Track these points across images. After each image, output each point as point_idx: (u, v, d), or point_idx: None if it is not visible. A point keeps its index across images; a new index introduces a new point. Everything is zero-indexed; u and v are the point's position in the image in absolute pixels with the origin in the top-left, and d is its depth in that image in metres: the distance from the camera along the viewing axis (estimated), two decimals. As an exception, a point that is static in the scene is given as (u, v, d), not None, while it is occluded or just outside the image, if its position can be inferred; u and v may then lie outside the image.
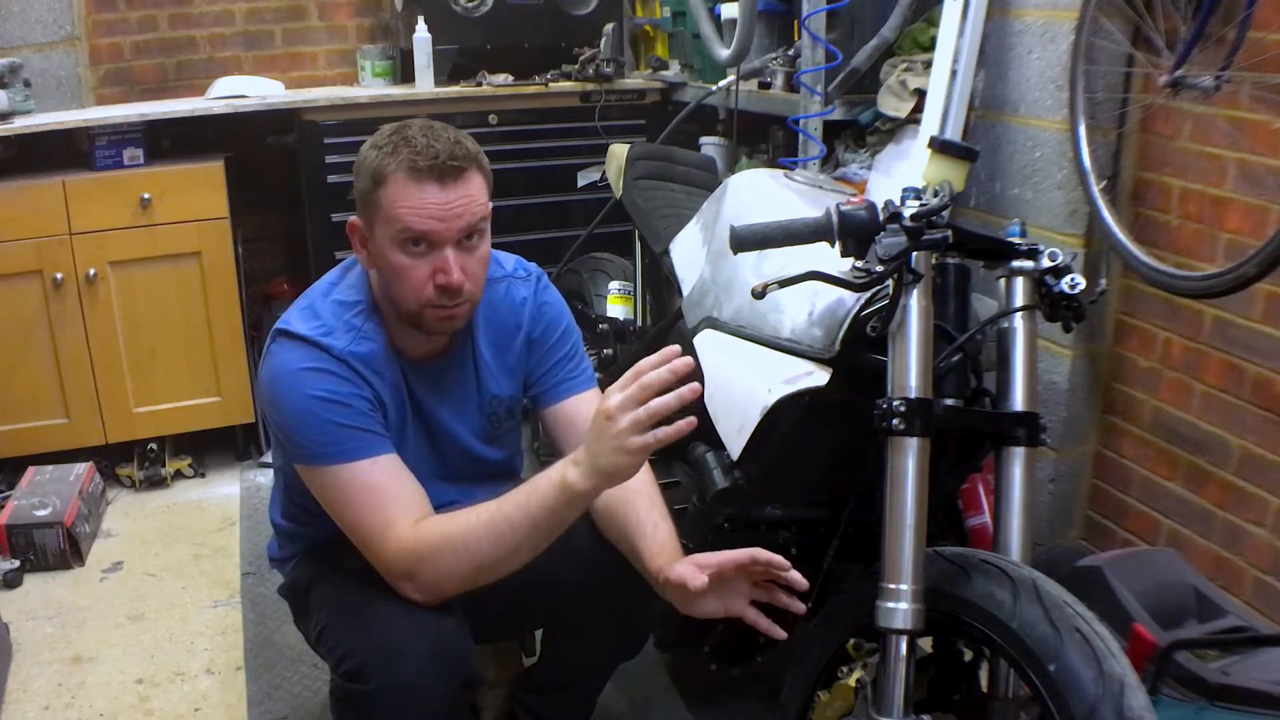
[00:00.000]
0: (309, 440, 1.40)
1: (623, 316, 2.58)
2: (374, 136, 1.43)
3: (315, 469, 1.41)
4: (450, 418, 1.57)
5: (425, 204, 1.36)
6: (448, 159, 1.36)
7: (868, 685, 1.34)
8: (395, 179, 1.36)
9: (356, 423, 1.40)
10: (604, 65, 3.22)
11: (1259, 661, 1.63)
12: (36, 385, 2.81)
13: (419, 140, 1.37)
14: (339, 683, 1.37)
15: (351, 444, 1.39)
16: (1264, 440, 1.85)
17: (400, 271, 1.40)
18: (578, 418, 1.59)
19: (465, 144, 1.40)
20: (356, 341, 1.44)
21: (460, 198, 1.38)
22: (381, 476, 1.40)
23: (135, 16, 3.22)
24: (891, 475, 1.29)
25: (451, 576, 1.36)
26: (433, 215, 1.37)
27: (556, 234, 3.16)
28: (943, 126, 2.16)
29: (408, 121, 1.42)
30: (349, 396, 1.40)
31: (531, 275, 1.63)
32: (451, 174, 1.37)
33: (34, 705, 2.04)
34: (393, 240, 1.38)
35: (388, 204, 1.37)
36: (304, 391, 1.39)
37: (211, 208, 2.89)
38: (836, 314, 1.48)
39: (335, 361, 1.41)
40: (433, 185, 1.36)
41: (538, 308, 1.61)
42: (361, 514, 1.39)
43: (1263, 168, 1.78)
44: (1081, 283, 1.40)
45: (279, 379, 1.41)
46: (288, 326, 1.44)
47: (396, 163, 1.36)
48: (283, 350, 1.43)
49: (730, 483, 1.64)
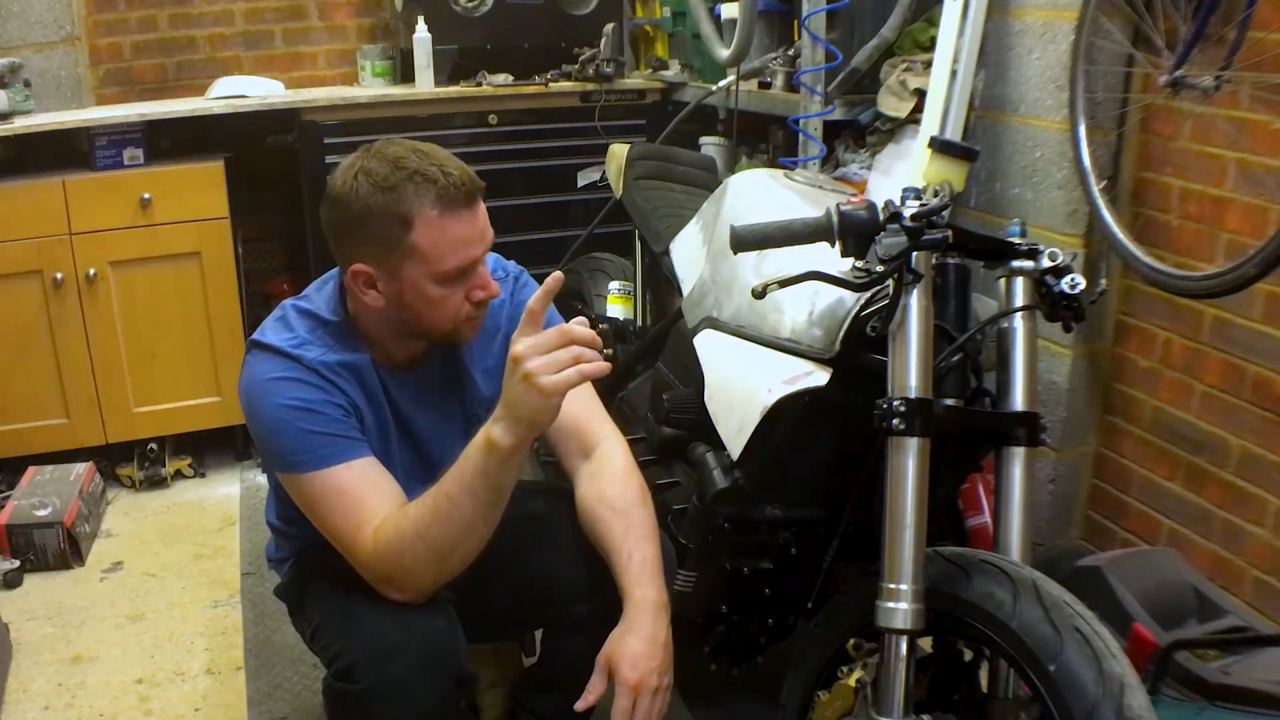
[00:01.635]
0: (283, 449, 1.40)
1: (623, 316, 2.58)
2: (362, 175, 1.36)
3: (292, 477, 1.42)
4: (433, 424, 1.57)
5: (464, 236, 1.37)
6: (471, 185, 1.37)
7: (868, 685, 1.34)
8: (428, 220, 1.34)
9: (329, 429, 1.40)
10: (604, 65, 3.21)
11: (1259, 661, 1.63)
12: (36, 385, 2.81)
13: (433, 172, 1.35)
14: (330, 681, 1.38)
15: (325, 450, 1.39)
16: (1264, 440, 1.85)
17: (438, 303, 1.40)
18: (562, 420, 1.56)
19: (463, 164, 1.40)
20: (328, 352, 1.44)
21: (483, 217, 1.40)
22: (354, 481, 1.40)
23: (135, 16, 3.22)
24: (891, 475, 1.28)
25: (418, 570, 1.36)
26: (471, 244, 1.38)
27: (556, 234, 3.16)
28: (943, 126, 2.16)
29: (389, 151, 1.38)
30: (320, 404, 1.40)
31: (509, 275, 1.62)
32: (475, 198, 1.38)
33: (34, 705, 2.04)
34: (433, 278, 1.38)
35: (427, 245, 1.35)
36: (276, 401, 1.40)
37: (211, 208, 2.89)
38: (836, 314, 1.48)
39: (306, 370, 1.41)
40: (466, 214, 1.37)
41: (515, 307, 1.59)
42: (334, 518, 1.39)
43: (1263, 168, 1.78)
44: (1081, 283, 1.40)
45: (252, 389, 1.42)
46: (261, 338, 1.45)
47: (424, 201, 1.34)
48: (256, 361, 1.44)
49: (730, 483, 1.64)
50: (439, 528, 1.33)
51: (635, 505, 1.48)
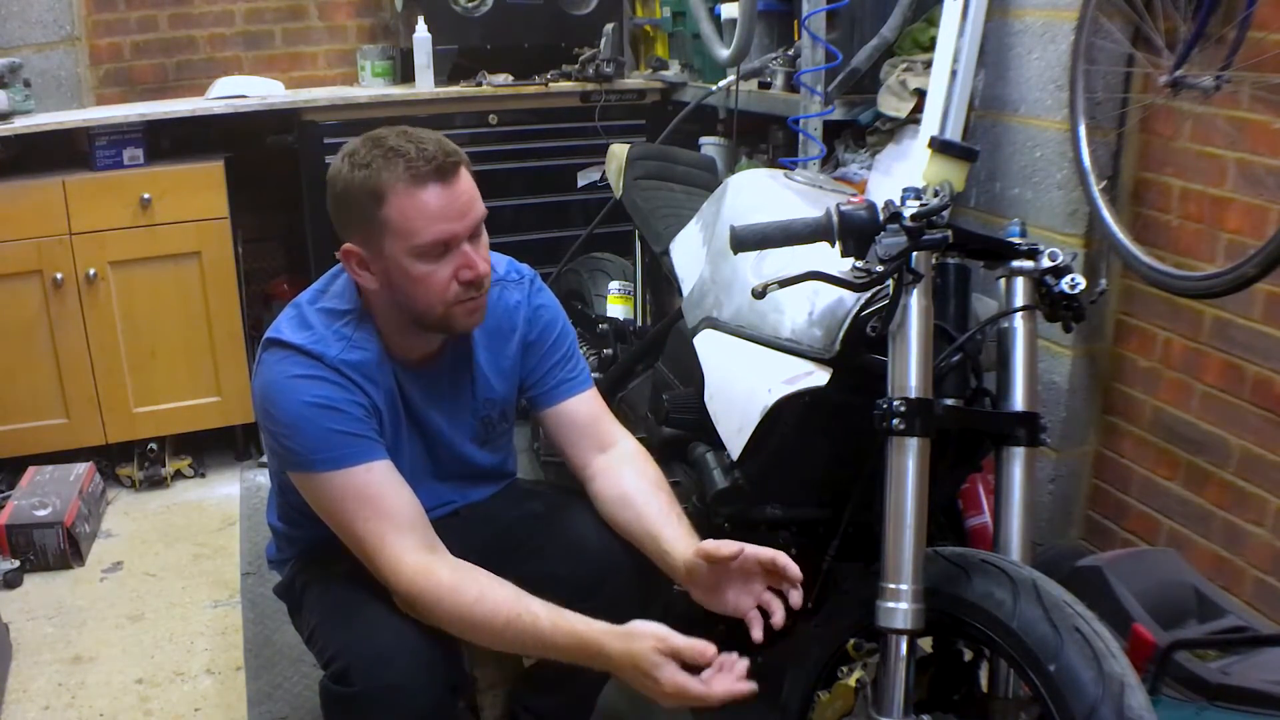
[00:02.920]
0: (303, 447, 1.39)
1: (623, 316, 2.58)
2: (347, 157, 1.38)
3: (310, 475, 1.41)
4: (443, 421, 1.57)
5: (437, 208, 1.35)
6: (444, 158, 1.35)
7: (868, 685, 1.34)
8: (398, 191, 1.34)
9: (351, 428, 1.40)
10: (604, 65, 3.21)
11: (1259, 661, 1.63)
12: (36, 385, 2.81)
13: (405, 147, 1.35)
14: (326, 684, 1.38)
15: (346, 450, 1.39)
16: (1264, 440, 1.85)
17: (421, 280, 1.38)
18: (578, 418, 1.60)
19: (447, 141, 1.39)
20: (348, 350, 1.44)
21: (464, 192, 1.38)
22: (376, 485, 1.40)
23: (135, 16, 3.22)
24: (891, 475, 1.29)
25: (443, 624, 1.38)
26: (447, 217, 1.36)
27: (556, 234, 3.16)
28: (943, 126, 2.16)
29: (377, 133, 1.39)
30: (343, 403, 1.40)
31: (524, 278, 1.62)
32: (451, 171, 1.36)
33: (34, 705, 2.04)
34: (410, 253, 1.37)
35: (398, 219, 1.35)
36: (299, 398, 1.39)
37: (211, 208, 2.89)
38: (836, 314, 1.48)
39: (328, 369, 1.41)
40: (437, 187, 1.35)
41: (533, 311, 1.61)
42: (356, 523, 1.39)
43: (1263, 168, 1.78)
44: (1081, 283, 1.40)
45: (272, 387, 1.41)
46: (279, 336, 1.44)
47: (394, 175, 1.34)
48: (275, 359, 1.43)
49: (730, 483, 1.64)
50: (489, 635, 1.36)
51: (666, 485, 1.54)
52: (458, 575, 1.37)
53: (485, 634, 1.36)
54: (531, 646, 1.35)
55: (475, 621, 1.35)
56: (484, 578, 1.38)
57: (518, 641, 1.35)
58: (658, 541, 1.44)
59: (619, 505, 1.52)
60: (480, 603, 1.35)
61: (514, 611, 1.34)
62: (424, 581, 1.36)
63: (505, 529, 1.63)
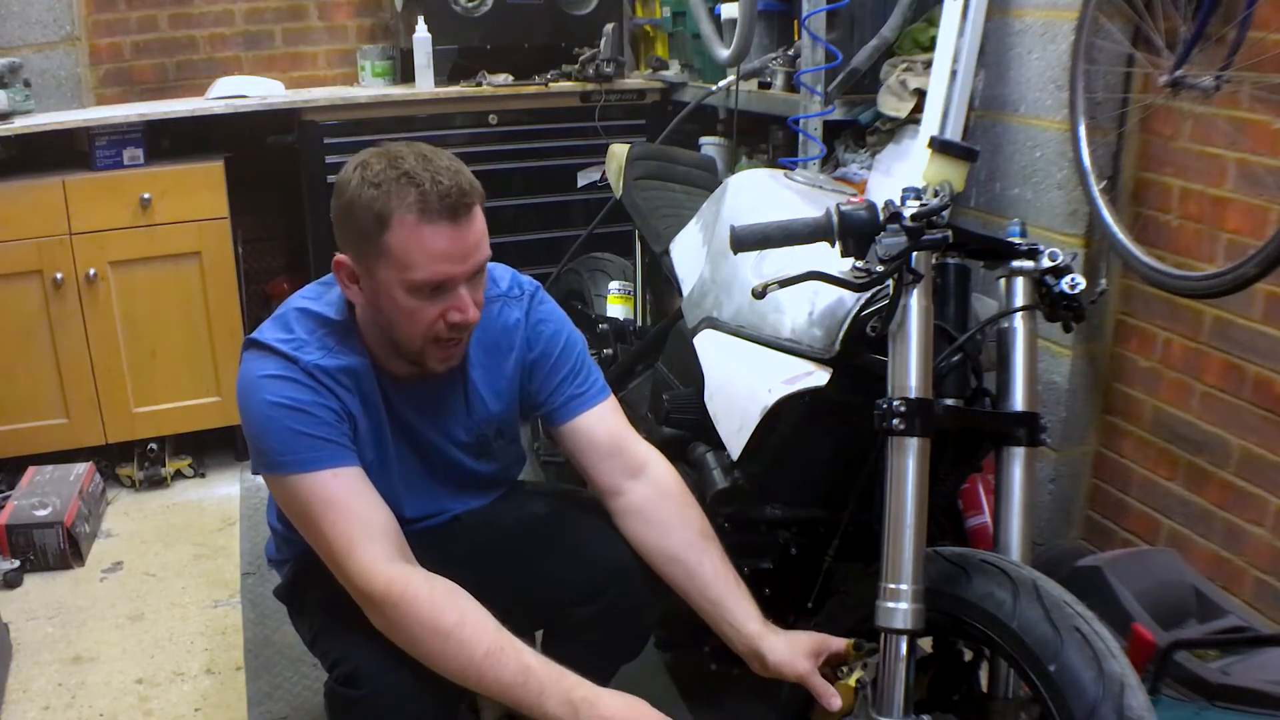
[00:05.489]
0: (270, 448, 1.37)
1: (623, 316, 2.58)
2: (361, 168, 1.33)
3: (278, 478, 1.39)
4: (437, 436, 1.54)
5: (441, 249, 1.30)
6: (459, 196, 1.30)
7: (868, 685, 1.34)
8: (404, 223, 1.29)
9: (318, 432, 1.37)
10: (604, 65, 3.22)
11: (1259, 661, 1.63)
12: (36, 385, 2.81)
13: (421, 176, 1.29)
14: (333, 686, 1.37)
15: (312, 453, 1.36)
16: (1264, 440, 1.85)
17: (408, 313, 1.35)
18: (595, 434, 1.54)
19: (465, 174, 1.34)
20: (326, 356, 1.41)
21: (472, 234, 1.33)
22: (344, 491, 1.36)
23: (135, 16, 3.23)
24: (892, 475, 1.28)
25: (412, 642, 1.31)
26: (449, 259, 1.31)
27: (556, 234, 3.16)
28: (943, 126, 2.16)
29: (395, 150, 1.34)
30: (311, 405, 1.37)
31: (525, 294, 1.57)
32: (464, 211, 1.31)
33: (34, 705, 2.04)
34: (403, 285, 1.32)
35: (399, 249, 1.30)
36: (266, 398, 1.37)
37: (211, 208, 2.89)
38: (836, 314, 1.48)
39: (300, 371, 1.38)
40: (446, 226, 1.30)
41: (532, 328, 1.56)
42: (323, 524, 1.35)
43: (1263, 168, 1.78)
44: (1081, 283, 1.40)
45: (244, 386, 1.40)
46: (259, 337, 1.43)
47: (403, 204, 1.29)
48: (250, 359, 1.42)
49: (730, 483, 1.64)
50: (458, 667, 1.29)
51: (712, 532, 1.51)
52: (437, 591, 1.31)
53: (458, 662, 1.28)
54: (508, 691, 1.28)
55: (452, 645, 1.28)
56: (464, 599, 1.32)
57: (493, 675, 1.28)
58: (719, 610, 1.43)
59: (663, 561, 1.49)
60: (462, 626, 1.29)
61: (497, 643, 1.29)
62: (400, 589, 1.30)
63: (507, 532, 1.61)
